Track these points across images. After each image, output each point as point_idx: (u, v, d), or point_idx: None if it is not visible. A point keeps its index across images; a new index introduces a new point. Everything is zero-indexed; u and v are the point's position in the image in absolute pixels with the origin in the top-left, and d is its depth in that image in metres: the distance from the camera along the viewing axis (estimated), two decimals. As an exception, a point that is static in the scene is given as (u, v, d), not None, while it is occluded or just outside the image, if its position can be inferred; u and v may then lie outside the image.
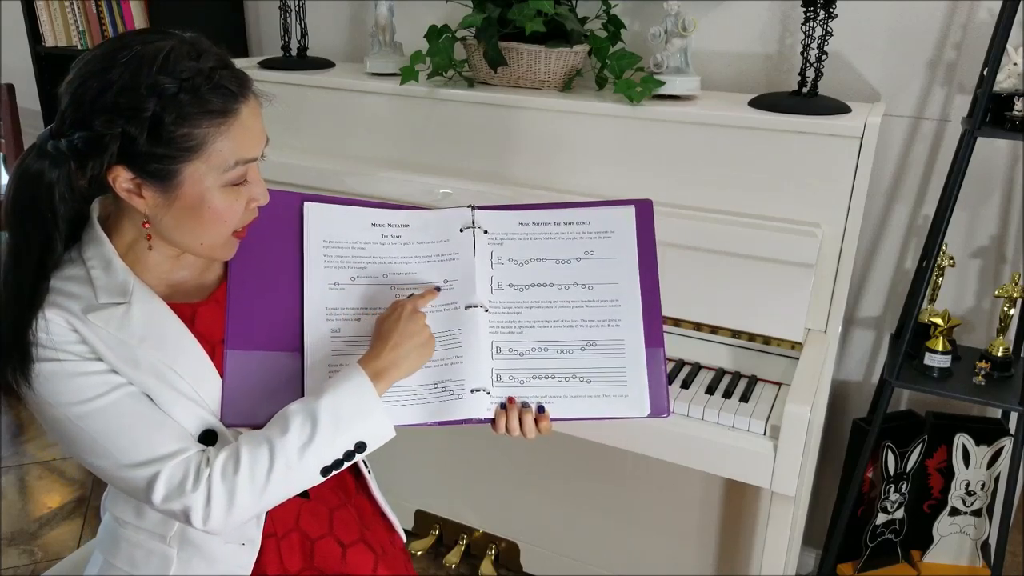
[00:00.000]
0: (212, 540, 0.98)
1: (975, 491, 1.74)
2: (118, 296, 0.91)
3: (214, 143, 0.87)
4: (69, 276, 0.92)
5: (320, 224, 1.02)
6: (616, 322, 1.04)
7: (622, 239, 1.06)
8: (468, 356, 1.01)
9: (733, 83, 1.78)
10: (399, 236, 1.05)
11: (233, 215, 0.92)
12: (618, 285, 1.05)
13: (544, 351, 1.03)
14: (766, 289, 1.45)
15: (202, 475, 0.87)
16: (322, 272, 1.01)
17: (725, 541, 1.78)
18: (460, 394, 1.00)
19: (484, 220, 1.06)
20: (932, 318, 1.62)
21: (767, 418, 1.38)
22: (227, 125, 0.87)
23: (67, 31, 2.45)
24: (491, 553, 2.03)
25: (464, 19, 1.67)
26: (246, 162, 0.90)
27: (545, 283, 1.05)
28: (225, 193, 0.90)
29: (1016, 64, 1.45)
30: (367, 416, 0.92)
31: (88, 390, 0.88)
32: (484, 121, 1.70)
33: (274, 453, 0.88)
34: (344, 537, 1.10)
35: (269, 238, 1.01)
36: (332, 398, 0.91)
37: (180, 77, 0.85)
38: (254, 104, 0.91)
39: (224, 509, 0.88)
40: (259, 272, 1.00)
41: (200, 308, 0.99)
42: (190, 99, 0.85)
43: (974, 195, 1.66)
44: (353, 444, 0.92)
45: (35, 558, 2.12)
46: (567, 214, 1.08)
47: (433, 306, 1.02)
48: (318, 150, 1.88)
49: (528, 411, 1.01)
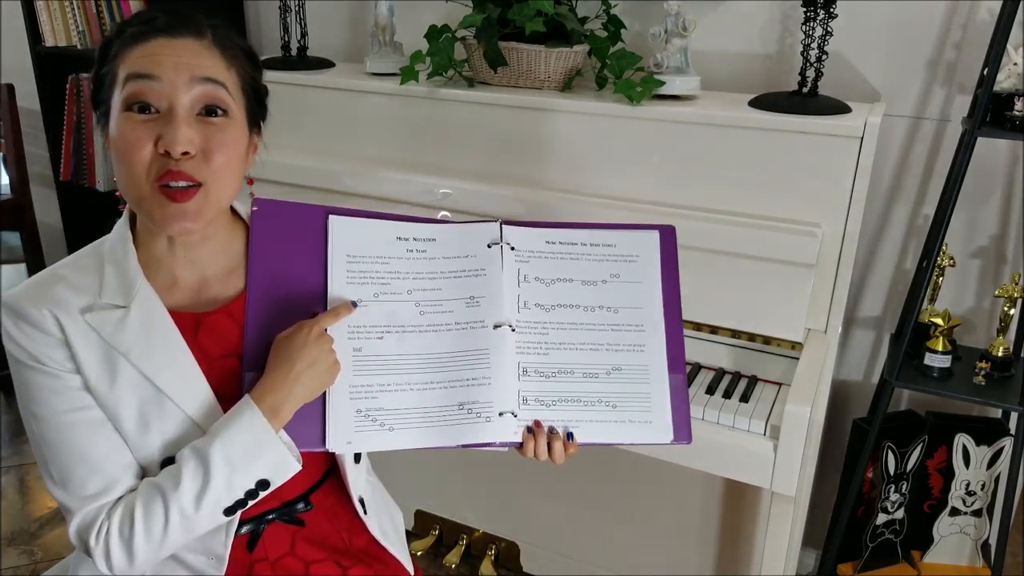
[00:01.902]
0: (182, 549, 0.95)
1: (975, 491, 1.74)
2: (120, 298, 0.91)
3: (120, 64, 0.89)
4: (84, 266, 0.93)
5: (344, 238, 0.99)
6: (641, 347, 1.03)
7: (646, 264, 1.05)
8: (496, 377, 0.98)
9: (733, 83, 1.78)
10: (424, 251, 1.01)
11: (135, 148, 0.86)
12: (643, 310, 1.04)
13: (570, 374, 1.01)
14: (766, 289, 1.45)
15: (102, 531, 0.87)
16: (344, 289, 0.98)
17: (725, 541, 1.78)
18: (488, 416, 0.97)
19: (511, 236, 1.04)
20: (932, 318, 1.62)
21: (767, 418, 1.38)
22: (134, 47, 0.88)
23: (67, 31, 2.45)
24: (491, 553, 2.03)
25: (464, 19, 1.67)
26: (138, 77, 0.87)
27: (571, 304, 1.03)
28: (126, 120, 0.87)
29: (1016, 64, 1.45)
30: (263, 453, 0.88)
31: (53, 402, 0.88)
32: (484, 121, 1.70)
33: (168, 506, 0.86)
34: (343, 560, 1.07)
35: (291, 253, 0.97)
36: (223, 440, 0.87)
37: (123, 22, 0.91)
38: (186, 42, 0.89)
39: (125, 563, 0.87)
40: (279, 289, 0.96)
41: (207, 318, 0.96)
42: (117, 34, 0.90)
43: (974, 195, 1.66)
44: (253, 483, 0.88)
45: (35, 558, 2.12)
46: (593, 235, 1.06)
47: (458, 323, 0.99)
48: (318, 150, 1.88)
49: (556, 437, 0.98)
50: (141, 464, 0.91)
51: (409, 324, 0.98)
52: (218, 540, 0.96)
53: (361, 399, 0.95)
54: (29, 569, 2.08)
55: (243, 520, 1.00)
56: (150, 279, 0.94)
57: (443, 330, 0.99)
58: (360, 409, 0.95)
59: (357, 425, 0.95)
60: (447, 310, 1.00)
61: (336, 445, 0.94)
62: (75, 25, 2.42)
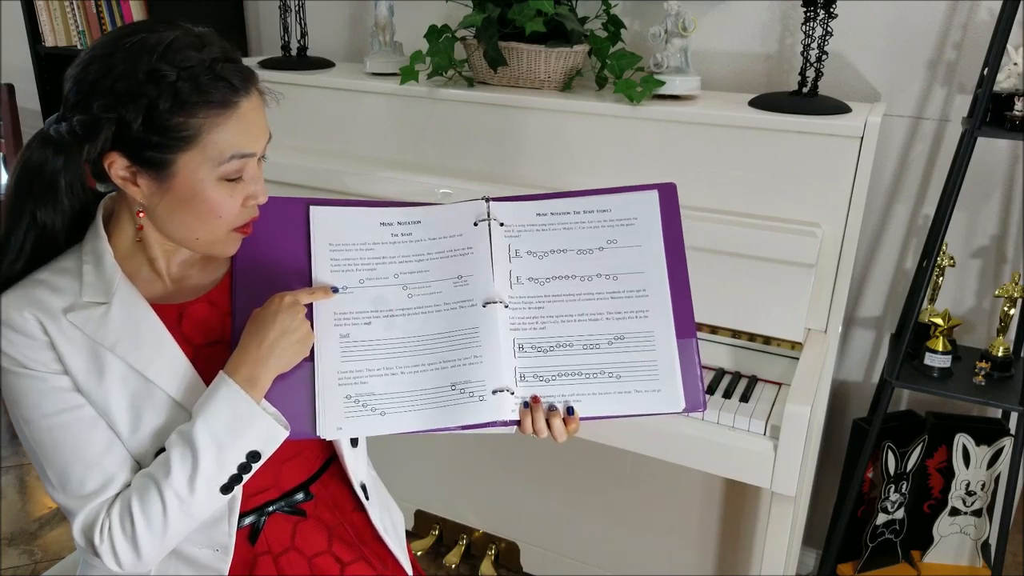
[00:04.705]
0: (186, 544, 0.96)
1: (975, 491, 1.74)
2: (101, 295, 0.91)
3: (210, 134, 0.86)
4: (63, 268, 0.93)
5: (326, 228, 1.00)
6: (644, 313, 0.99)
7: (646, 226, 1.02)
8: (487, 355, 0.96)
9: (733, 83, 1.78)
10: (409, 233, 1.01)
11: (228, 211, 0.90)
12: (644, 274, 1.00)
13: (569, 347, 0.98)
14: (766, 289, 1.45)
15: (104, 529, 0.87)
16: (329, 277, 0.98)
17: (725, 541, 1.78)
18: (481, 396, 0.95)
19: (500, 212, 1.02)
20: (932, 318, 1.62)
21: (767, 418, 1.38)
22: (224, 117, 0.86)
23: (67, 31, 2.45)
24: (491, 553, 2.03)
25: (464, 19, 1.67)
26: (242, 156, 0.89)
27: (567, 275, 1.00)
28: (219, 187, 0.89)
29: (1016, 64, 1.45)
30: (249, 425, 0.88)
31: (43, 405, 0.88)
32: (484, 121, 1.70)
33: (163, 495, 0.86)
34: (343, 555, 1.08)
35: (275, 246, 0.98)
36: (205, 418, 0.87)
37: (180, 66, 0.84)
38: (257, 100, 0.90)
39: (132, 558, 0.87)
40: (265, 282, 0.97)
41: (189, 308, 0.97)
42: (188, 88, 0.84)
43: (974, 195, 1.66)
44: (244, 456, 0.89)
45: (35, 558, 2.12)
46: (586, 202, 1.03)
47: (447, 303, 0.98)
48: (318, 150, 1.88)
49: (556, 414, 0.96)
50: (136, 457, 0.91)
51: (397, 308, 0.98)
52: (221, 531, 0.97)
53: (350, 385, 0.95)
54: (29, 569, 2.08)
55: (244, 512, 1.00)
56: (128, 274, 0.94)
57: (432, 311, 0.98)
58: (350, 395, 0.95)
59: (347, 411, 0.94)
60: (435, 291, 0.99)
61: (327, 432, 0.94)
62: (75, 25, 2.42)
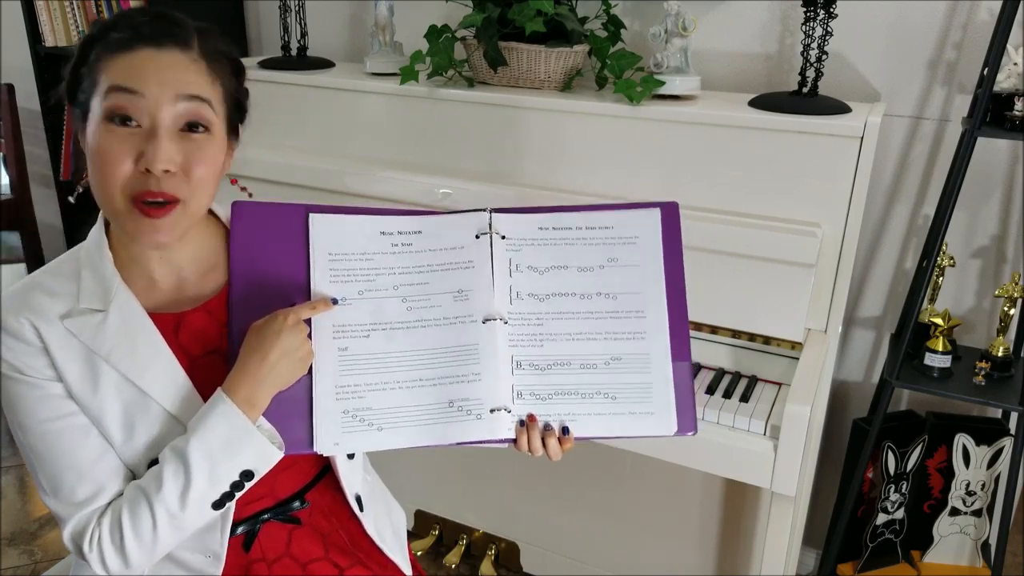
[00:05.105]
0: (178, 549, 0.95)
1: (975, 491, 1.74)
2: (99, 302, 0.90)
3: (103, 73, 0.86)
4: (61, 271, 0.92)
5: (326, 236, 0.97)
6: (641, 335, 0.98)
7: (647, 245, 1.00)
8: (487, 373, 0.96)
9: (733, 83, 1.78)
10: (410, 244, 0.99)
11: (115, 161, 0.85)
12: (643, 295, 0.99)
13: (567, 366, 0.98)
14: (766, 289, 1.45)
15: (94, 537, 0.87)
16: (328, 287, 0.96)
17: (725, 541, 1.78)
18: (479, 414, 0.95)
19: (502, 224, 1.00)
20: (932, 318, 1.63)
21: (767, 418, 1.38)
22: (118, 57, 0.85)
23: (67, 31, 2.45)
24: (491, 553, 2.03)
25: (464, 19, 1.67)
26: (120, 90, 0.84)
27: (567, 293, 0.99)
28: (107, 132, 0.85)
29: (1016, 64, 1.45)
30: (242, 445, 0.87)
31: (39, 411, 0.88)
32: (484, 121, 1.70)
33: (154, 509, 0.85)
34: (340, 560, 1.07)
35: (274, 254, 0.96)
36: (200, 435, 0.86)
37: (104, 24, 0.88)
38: (172, 56, 0.87)
39: (120, 567, 0.87)
40: (263, 291, 0.95)
41: (187, 317, 0.95)
42: (100, 36, 0.87)
43: (974, 195, 1.66)
44: (237, 474, 0.88)
45: (35, 558, 2.12)
46: (589, 218, 1.01)
47: (447, 318, 0.97)
48: (318, 150, 1.88)
49: (551, 433, 0.96)
50: (129, 466, 0.91)
51: (396, 321, 0.96)
52: (214, 538, 0.96)
53: (348, 399, 0.94)
54: (29, 569, 2.08)
55: (238, 520, 0.99)
56: (127, 281, 0.93)
57: (431, 326, 0.97)
58: (347, 410, 0.94)
59: (344, 426, 0.94)
60: (434, 305, 0.97)
61: (324, 447, 0.93)
62: (75, 25, 2.42)
